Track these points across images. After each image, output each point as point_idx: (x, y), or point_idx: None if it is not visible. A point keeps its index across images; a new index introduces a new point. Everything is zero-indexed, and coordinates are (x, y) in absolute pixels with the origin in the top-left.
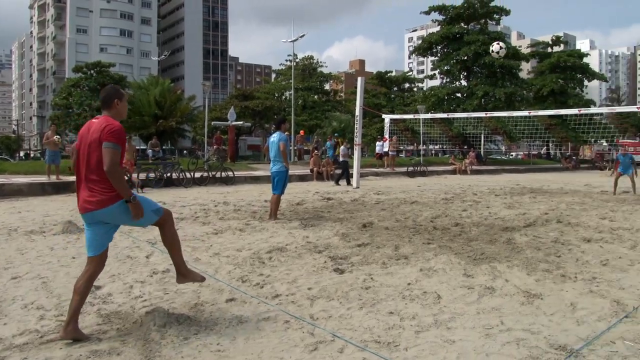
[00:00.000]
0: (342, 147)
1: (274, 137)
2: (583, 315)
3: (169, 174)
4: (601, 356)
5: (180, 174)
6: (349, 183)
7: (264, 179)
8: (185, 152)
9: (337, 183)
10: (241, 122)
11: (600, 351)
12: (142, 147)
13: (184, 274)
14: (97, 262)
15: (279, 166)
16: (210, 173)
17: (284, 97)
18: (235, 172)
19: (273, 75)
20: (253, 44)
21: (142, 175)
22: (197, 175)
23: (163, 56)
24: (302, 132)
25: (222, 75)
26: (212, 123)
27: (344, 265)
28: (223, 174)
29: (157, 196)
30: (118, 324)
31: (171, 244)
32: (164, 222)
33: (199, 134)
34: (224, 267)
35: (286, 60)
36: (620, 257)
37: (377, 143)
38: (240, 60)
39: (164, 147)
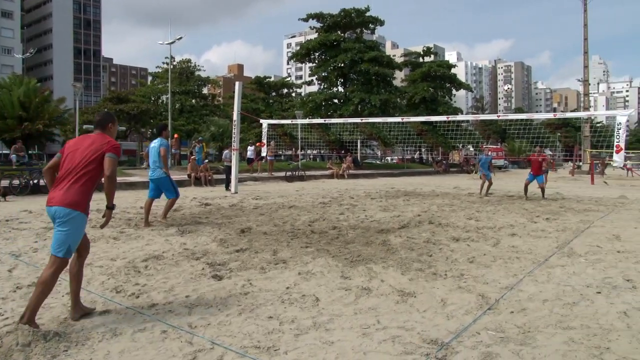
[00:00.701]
0: (225, 152)
1: (155, 143)
2: (452, 310)
3: (35, 181)
4: (468, 347)
5: None
6: (227, 188)
7: (139, 184)
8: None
9: (227, 188)
10: None
11: (467, 342)
12: (4, 151)
13: (80, 306)
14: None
15: (159, 172)
16: None
17: (160, 100)
18: None
19: (149, 78)
20: (128, 45)
21: (5, 182)
22: None
23: (28, 54)
24: (176, 135)
25: (94, 77)
26: (84, 127)
27: (223, 271)
28: None
29: (23, 205)
30: None
31: (79, 274)
32: (86, 249)
33: (69, 138)
34: (97, 277)
35: (163, 63)
36: (484, 254)
37: (249, 148)
38: (114, 62)
39: (30, 151)
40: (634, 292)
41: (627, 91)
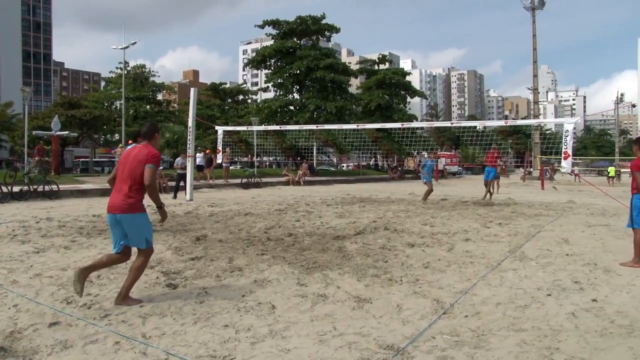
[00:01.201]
0: (177, 159)
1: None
2: (408, 315)
3: None
4: (423, 351)
5: None
6: (175, 196)
7: (92, 192)
8: (1, 163)
9: (174, 197)
10: (66, 132)
11: (422, 347)
12: None
13: (129, 299)
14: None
15: None
16: (31, 187)
17: (114, 106)
18: (60, 186)
19: (102, 83)
20: (80, 49)
21: None
22: (16, 189)
23: None
24: (130, 142)
25: (45, 81)
26: (34, 132)
27: (177, 279)
28: (46, 187)
29: None
30: None
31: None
32: (148, 254)
33: (18, 144)
34: (47, 288)
35: (117, 68)
36: (439, 259)
37: (198, 155)
38: (66, 66)
39: None
40: (581, 293)
41: (573, 100)
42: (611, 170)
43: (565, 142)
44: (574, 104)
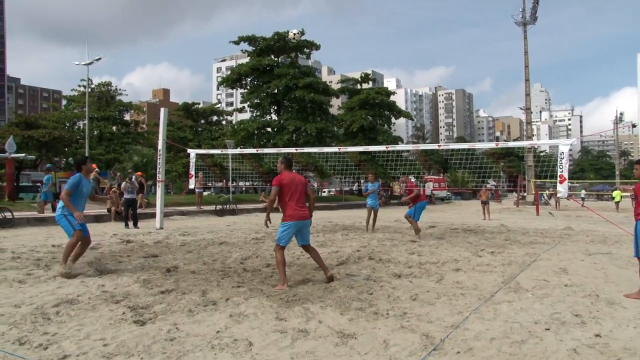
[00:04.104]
0: (124, 183)
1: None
2: (395, 352)
3: None
4: None
5: None
6: (126, 225)
7: (51, 220)
8: None
9: (126, 225)
10: (23, 154)
11: None
12: None
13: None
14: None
15: (57, 212)
16: None
17: (76, 127)
18: (14, 213)
19: (64, 102)
20: (38, 63)
21: None
22: None
23: None
24: (94, 165)
25: None
26: None
27: (146, 315)
28: None
29: None
30: None
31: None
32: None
33: None
34: None
35: (79, 86)
36: (428, 290)
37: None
38: (22, 82)
39: None
40: (583, 327)
41: (569, 119)
42: (616, 194)
43: (561, 164)
44: (569, 124)
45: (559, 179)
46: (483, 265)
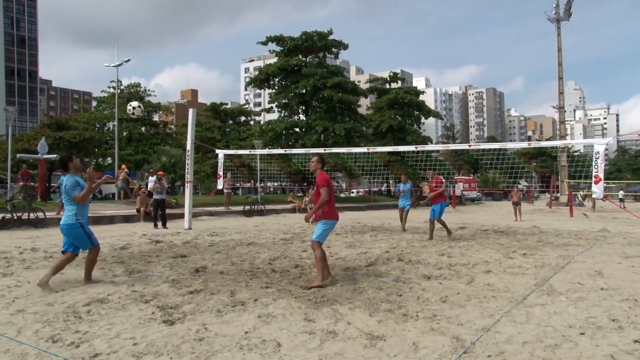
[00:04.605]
0: (151, 183)
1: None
2: (425, 355)
3: None
4: None
5: None
6: (155, 225)
7: None
8: None
9: (155, 226)
10: (54, 156)
11: None
12: None
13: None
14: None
15: (67, 219)
16: (14, 214)
17: (106, 128)
18: (47, 213)
19: (94, 103)
20: (69, 66)
21: None
22: None
23: None
24: (123, 166)
25: (30, 100)
26: (18, 155)
27: (175, 315)
28: (31, 215)
29: None
30: None
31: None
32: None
33: (1, 167)
34: (30, 326)
35: (109, 87)
36: (458, 292)
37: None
38: (53, 84)
39: None
40: (620, 333)
41: (604, 118)
42: None
43: (596, 164)
44: (605, 123)
45: (594, 179)
46: (515, 267)
